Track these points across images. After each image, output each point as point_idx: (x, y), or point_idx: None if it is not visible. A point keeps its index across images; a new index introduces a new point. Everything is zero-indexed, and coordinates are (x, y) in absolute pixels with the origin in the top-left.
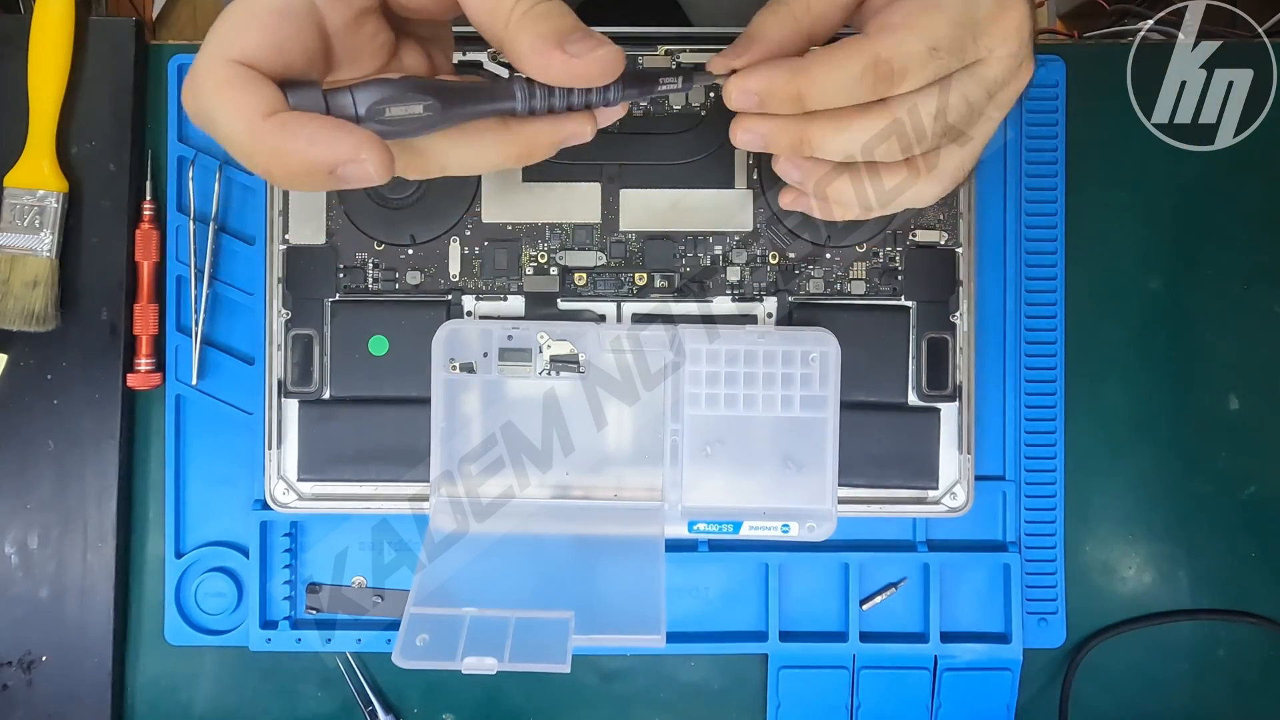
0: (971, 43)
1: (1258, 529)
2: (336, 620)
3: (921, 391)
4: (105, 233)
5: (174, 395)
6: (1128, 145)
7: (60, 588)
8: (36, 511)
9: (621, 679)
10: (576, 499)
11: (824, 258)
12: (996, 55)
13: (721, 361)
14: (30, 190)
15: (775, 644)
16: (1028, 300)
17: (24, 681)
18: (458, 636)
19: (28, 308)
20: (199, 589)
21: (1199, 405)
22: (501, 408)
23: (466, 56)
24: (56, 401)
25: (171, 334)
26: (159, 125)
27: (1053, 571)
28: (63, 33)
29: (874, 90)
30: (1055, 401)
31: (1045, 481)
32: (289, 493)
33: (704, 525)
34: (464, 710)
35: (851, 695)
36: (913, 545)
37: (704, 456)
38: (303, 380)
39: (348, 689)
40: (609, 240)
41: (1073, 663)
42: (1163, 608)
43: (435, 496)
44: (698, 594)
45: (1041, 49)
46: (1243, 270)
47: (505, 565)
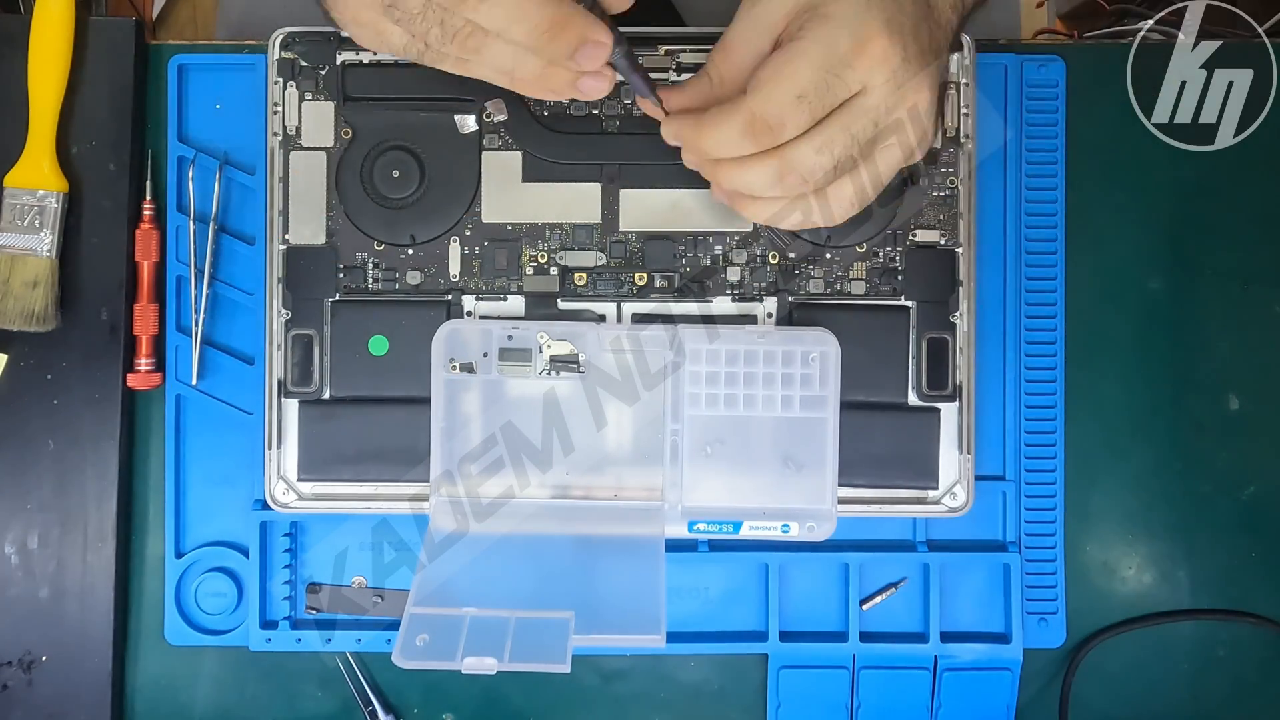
0: (838, 81)
1: (1258, 529)
2: (336, 620)
3: (921, 391)
4: (105, 233)
5: (174, 395)
6: (1128, 145)
7: (60, 588)
8: (36, 511)
9: (621, 679)
10: (576, 499)
11: (824, 258)
12: (872, 85)
13: (721, 361)
14: (30, 190)
15: (775, 644)
16: (1028, 300)
17: (24, 681)
18: (458, 636)
19: (28, 308)
20: (199, 589)
21: (1199, 405)
22: (501, 408)
23: None
24: (56, 401)
25: (171, 334)
26: (159, 125)
27: (1053, 571)
28: (63, 33)
29: (758, 143)
30: (1055, 401)
31: (1045, 481)
32: (289, 493)
33: (704, 525)
34: (464, 710)
35: (851, 695)
36: (913, 545)
37: (704, 456)
38: (303, 380)
39: (348, 689)
40: (609, 240)
41: (1073, 663)
42: (1163, 608)
43: (435, 496)
44: (698, 594)
45: (1042, 49)
46: (1243, 270)
47: (505, 565)
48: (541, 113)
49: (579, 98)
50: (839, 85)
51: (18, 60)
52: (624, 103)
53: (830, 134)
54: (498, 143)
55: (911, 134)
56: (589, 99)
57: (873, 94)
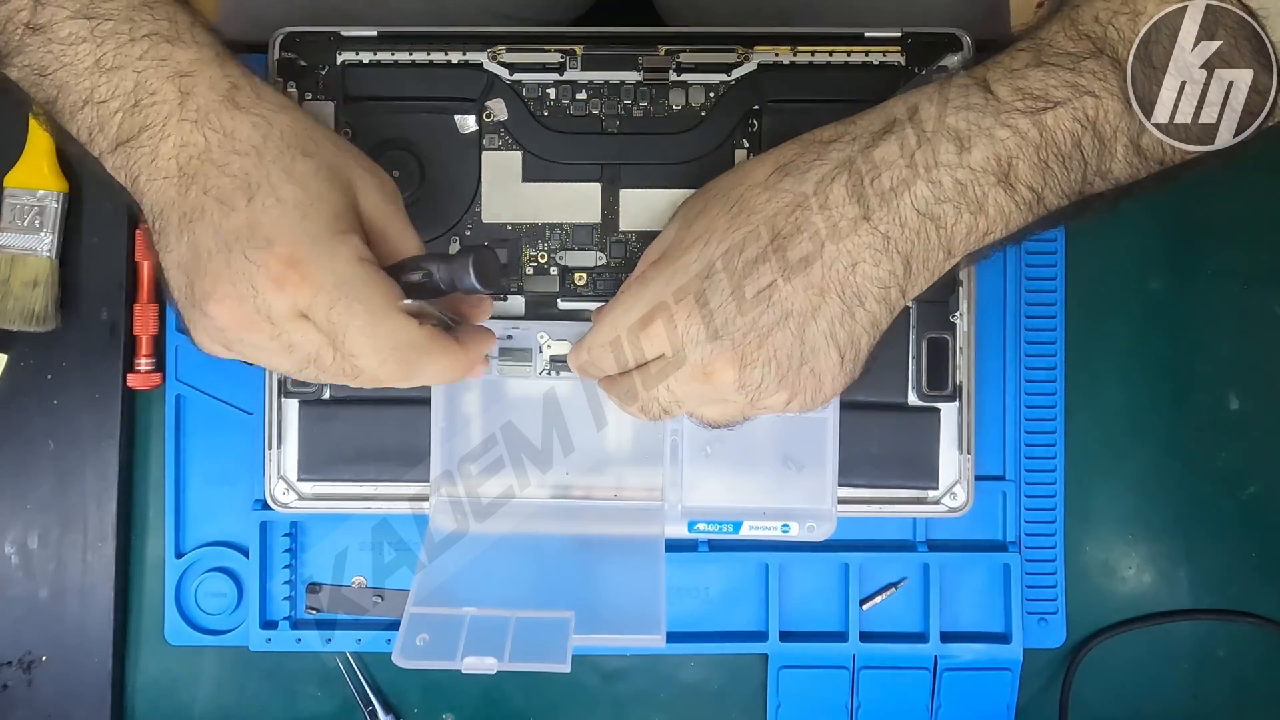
0: (635, 345)
1: (1258, 529)
2: (336, 620)
3: (921, 391)
4: (105, 233)
5: (174, 395)
6: None
7: (60, 588)
8: (36, 511)
9: (621, 679)
10: (576, 499)
11: None
12: (672, 352)
13: None
14: (30, 190)
15: (775, 644)
16: (1028, 300)
17: (24, 681)
18: (458, 636)
19: (28, 308)
20: (199, 589)
21: (1199, 405)
22: (501, 408)
23: (467, 56)
24: (56, 401)
25: (171, 334)
26: None
27: (1053, 571)
28: None
29: (599, 372)
30: (1055, 401)
31: (1045, 481)
32: (289, 493)
33: (704, 525)
34: (464, 710)
35: (851, 695)
36: (913, 545)
37: (704, 456)
38: (303, 380)
39: (348, 689)
40: (609, 240)
41: (1073, 663)
42: (1163, 608)
43: (435, 496)
44: (698, 594)
45: None
46: (1243, 270)
47: (505, 565)
48: (541, 113)
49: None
50: (633, 347)
51: None
52: (624, 103)
53: (629, 385)
54: (498, 143)
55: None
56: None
57: (668, 363)
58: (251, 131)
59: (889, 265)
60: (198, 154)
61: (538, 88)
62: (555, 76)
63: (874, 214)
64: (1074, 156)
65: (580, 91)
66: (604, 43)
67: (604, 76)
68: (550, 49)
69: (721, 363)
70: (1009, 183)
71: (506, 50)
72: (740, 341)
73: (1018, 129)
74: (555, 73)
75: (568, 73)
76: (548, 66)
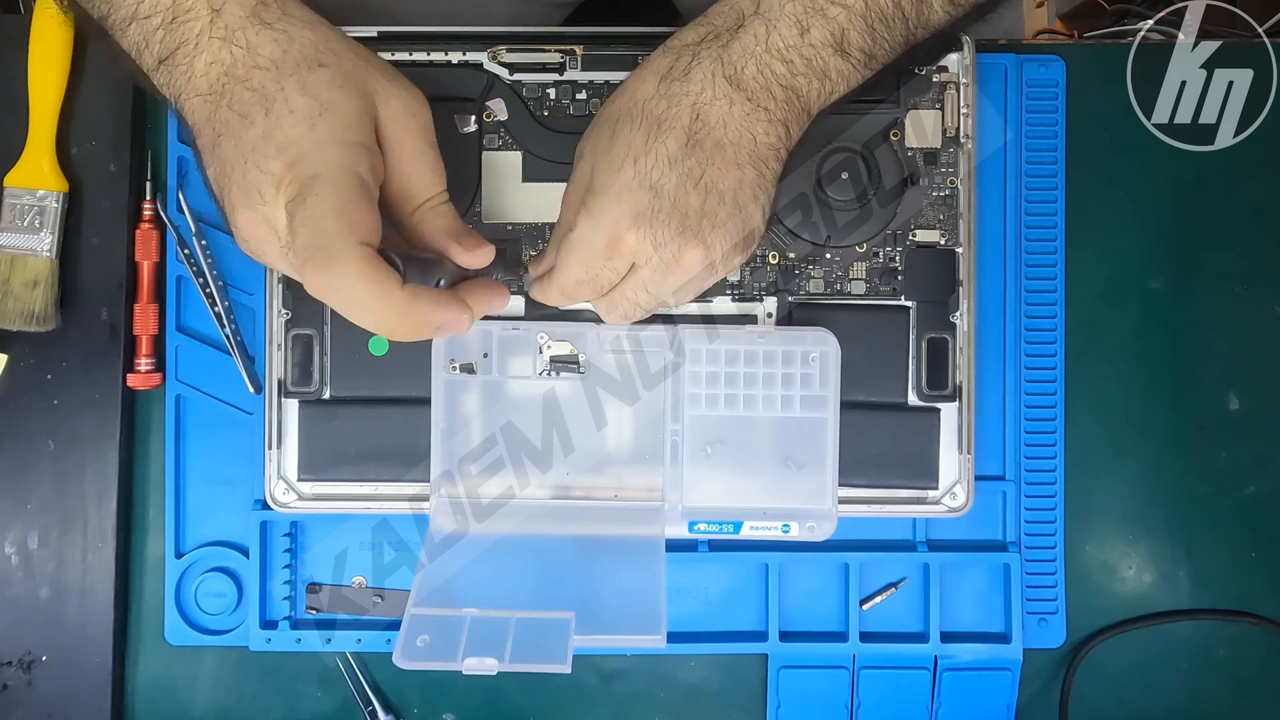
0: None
1: (1258, 529)
2: (336, 620)
3: (921, 391)
4: (105, 233)
5: (174, 395)
6: (1128, 145)
7: (60, 588)
8: (36, 511)
9: (621, 679)
10: (576, 499)
11: (824, 258)
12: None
13: (721, 361)
14: (30, 190)
15: (775, 644)
16: (1028, 300)
17: (24, 681)
18: (458, 637)
19: (28, 308)
20: (199, 589)
21: (1199, 405)
22: (501, 408)
23: (466, 56)
24: (56, 401)
25: (171, 334)
26: (159, 125)
27: (1053, 571)
28: (63, 33)
29: (569, 304)
30: (1055, 401)
31: (1045, 481)
32: (289, 493)
33: (704, 525)
34: (464, 710)
35: (851, 695)
36: (913, 545)
37: (704, 456)
38: (303, 380)
39: (348, 689)
40: None
41: (1073, 663)
42: (1163, 608)
43: (435, 496)
44: (698, 594)
45: (1042, 49)
46: (1243, 270)
47: (505, 565)
48: (541, 113)
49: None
50: (607, 272)
51: (18, 60)
52: None
53: (612, 301)
54: (498, 143)
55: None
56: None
57: (641, 270)
58: (273, 47)
59: (777, 132)
60: (225, 70)
61: (538, 88)
62: (555, 76)
63: (755, 96)
64: (895, 18)
65: (580, 91)
66: (604, 43)
67: (604, 76)
68: (550, 49)
69: (688, 251)
70: (844, 51)
71: (506, 50)
72: (697, 228)
73: (845, 3)
74: (555, 73)
75: (568, 73)
76: (548, 66)
